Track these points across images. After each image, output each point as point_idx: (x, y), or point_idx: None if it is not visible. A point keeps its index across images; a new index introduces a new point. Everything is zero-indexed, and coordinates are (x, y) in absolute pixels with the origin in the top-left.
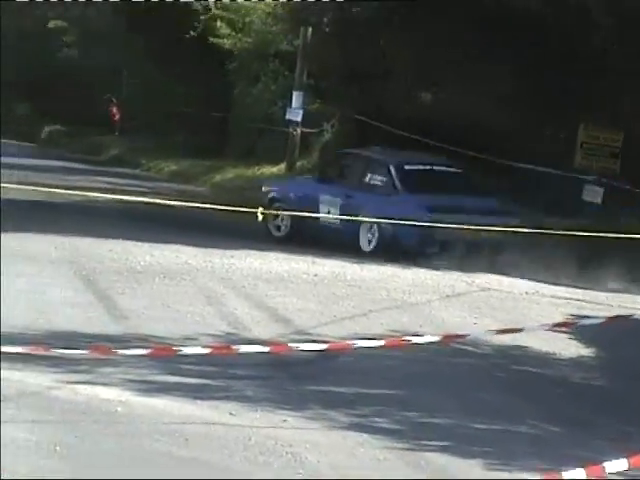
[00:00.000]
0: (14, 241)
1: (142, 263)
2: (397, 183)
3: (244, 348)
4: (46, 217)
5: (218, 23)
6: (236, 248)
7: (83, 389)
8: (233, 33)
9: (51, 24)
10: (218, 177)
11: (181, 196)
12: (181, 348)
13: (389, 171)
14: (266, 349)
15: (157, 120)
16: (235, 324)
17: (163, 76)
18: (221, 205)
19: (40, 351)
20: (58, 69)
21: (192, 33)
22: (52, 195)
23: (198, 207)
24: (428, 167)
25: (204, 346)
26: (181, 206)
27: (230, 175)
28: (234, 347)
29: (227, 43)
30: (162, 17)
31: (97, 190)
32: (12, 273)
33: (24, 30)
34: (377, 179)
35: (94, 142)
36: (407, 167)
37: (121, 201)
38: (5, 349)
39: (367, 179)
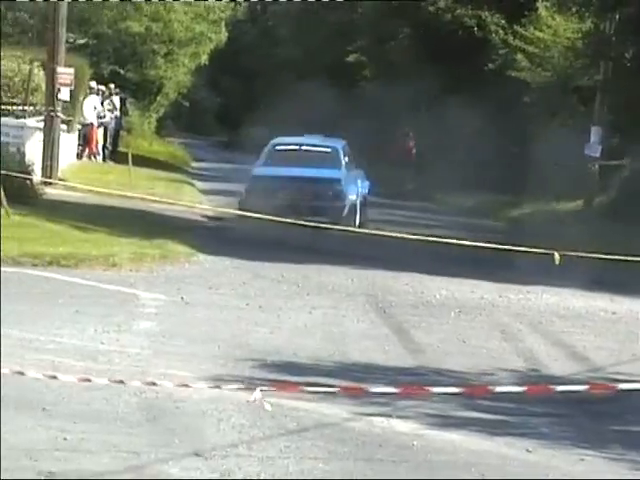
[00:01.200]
0: (312, 273)
1: (437, 297)
2: (260, 158)
3: (560, 388)
4: (344, 249)
5: (518, 56)
6: (532, 284)
7: (379, 421)
8: (532, 67)
9: (350, 58)
10: (515, 212)
11: (476, 231)
12: (495, 387)
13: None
14: (583, 388)
15: (453, 153)
16: (532, 361)
17: (459, 109)
18: (515, 245)
19: (356, 391)
20: (356, 103)
21: (490, 66)
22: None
23: (489, 247)
24: (297, 147)
25: (520, 384)
26: (473, 246)
27: (527, 210)
28: (550, 386)
29: (526, 76)
30: (460, 51)
31: (393, 223)
32: (309, 305)
33: (323, 63)
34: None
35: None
36: (278, 147)
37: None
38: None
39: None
